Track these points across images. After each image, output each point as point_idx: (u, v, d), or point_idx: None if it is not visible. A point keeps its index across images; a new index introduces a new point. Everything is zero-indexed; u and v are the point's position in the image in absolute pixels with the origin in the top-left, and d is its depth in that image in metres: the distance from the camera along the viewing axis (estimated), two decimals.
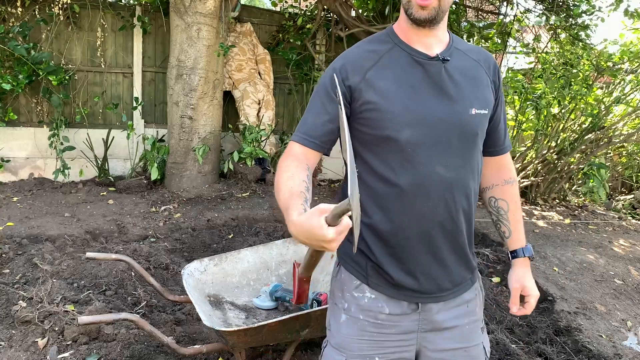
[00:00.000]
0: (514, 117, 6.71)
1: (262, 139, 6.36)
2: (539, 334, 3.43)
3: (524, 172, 7.03)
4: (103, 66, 6.38)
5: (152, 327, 2.31)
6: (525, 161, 7.03)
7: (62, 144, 5.99)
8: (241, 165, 6.23)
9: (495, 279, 4.44)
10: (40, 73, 5.69)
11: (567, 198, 7.56)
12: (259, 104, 6.71)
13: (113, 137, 6.33)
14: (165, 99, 6.29)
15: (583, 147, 6.63)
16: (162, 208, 5.29)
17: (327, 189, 6.74)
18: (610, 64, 6.22)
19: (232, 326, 2.57)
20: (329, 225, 1.04)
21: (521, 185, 7.08)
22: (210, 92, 5.86)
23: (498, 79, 1.55)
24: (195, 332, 3.00)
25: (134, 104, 6.41)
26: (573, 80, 6.17)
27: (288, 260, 3.20)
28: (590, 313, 3.76)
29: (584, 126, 6.68)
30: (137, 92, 6.53)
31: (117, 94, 6.53)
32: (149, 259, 3.99)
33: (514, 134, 6.78)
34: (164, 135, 6.43)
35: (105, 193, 5.74)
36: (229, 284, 3.00)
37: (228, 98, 6.71)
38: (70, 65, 6.21)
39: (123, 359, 2.58)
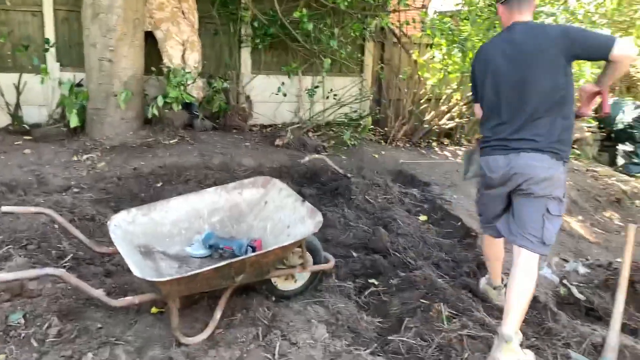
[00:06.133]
0: (441, 60, 6.82)
1: (188, 82, 6.12)
2: (464, 268, 3.64)
3: (449, 114, 7.23)
4: (8, 3, 5.82)
5: (79, 281, 2.24)
6: (450, 103, 7.21)
7: None
8: (167, 111, 5.98)
9: (422, 217, 4.62)
10: None
11: None
12: (184, 45, 6.41)
13: (25, 82, 5.87)
14: (81, 40, 5.84)
15: None
16: (85, 157, 5.04)
17: (259, 135, 6.65)
18: None
19: (164, 276, 2.54)
20: None
21: (446, 127, 7.30)
22: (130, 32, 5.51)
23: None
24: (127, 283, 2.94)
25: (46, 46, 5.93)
26: (498, 22, 6.31)
27: (221, 208, 3.16)
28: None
29: None
30: (49, 32, 6.03)
31: (26, 34, 6.00)
32: (73, 210, 3.83)
33: (441, 77, 6.91)
34: (82, 80, 6.04)
35: (20, 142, 5.37)
36: (159, 234, 2.94)
37: (150, 39, 6.34)
38: None
39: (50, 315, 2.49)
